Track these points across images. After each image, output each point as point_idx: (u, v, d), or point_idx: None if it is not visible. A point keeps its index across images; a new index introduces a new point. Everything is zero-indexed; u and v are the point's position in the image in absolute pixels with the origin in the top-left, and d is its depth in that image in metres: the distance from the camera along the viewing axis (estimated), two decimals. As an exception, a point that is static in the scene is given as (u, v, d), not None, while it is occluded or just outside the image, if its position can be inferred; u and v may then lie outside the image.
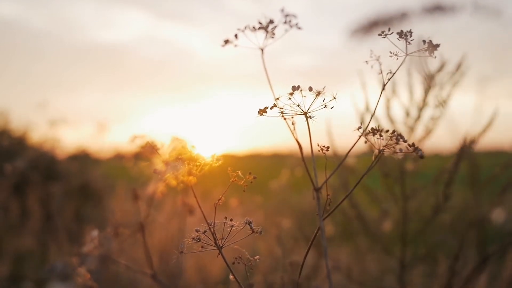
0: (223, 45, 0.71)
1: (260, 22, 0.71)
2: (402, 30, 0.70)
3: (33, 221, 3.25)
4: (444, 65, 1.50)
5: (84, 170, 4.37)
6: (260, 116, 0.75)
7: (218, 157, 0.72)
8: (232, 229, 0.80)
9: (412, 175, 1.75)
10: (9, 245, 2.96)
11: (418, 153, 0.70)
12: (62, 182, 3.91)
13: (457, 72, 1.51)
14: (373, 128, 0.71)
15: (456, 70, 1.50)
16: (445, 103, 1.56)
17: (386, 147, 0.69)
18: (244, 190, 0.75)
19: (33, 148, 4.29)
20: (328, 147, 0.75)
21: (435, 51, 0.70)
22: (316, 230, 0.75)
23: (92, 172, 4.40)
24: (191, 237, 0.77)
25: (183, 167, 0.62)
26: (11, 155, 3.79)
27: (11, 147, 4.15)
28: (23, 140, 4.45)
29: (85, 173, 4.31)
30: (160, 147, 0.62)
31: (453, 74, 1.52)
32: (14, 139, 4.39)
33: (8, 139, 4.31)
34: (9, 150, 4.03)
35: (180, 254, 0.76)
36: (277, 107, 0.75)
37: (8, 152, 3.96)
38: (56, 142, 4.31)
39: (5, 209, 3.24)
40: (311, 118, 0.76)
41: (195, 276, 2.54)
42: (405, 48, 0.70)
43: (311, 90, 0.75)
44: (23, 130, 4.49)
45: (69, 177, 4.16)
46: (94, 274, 0.57)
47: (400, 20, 0.56)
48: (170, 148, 0.63)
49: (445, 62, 1.51)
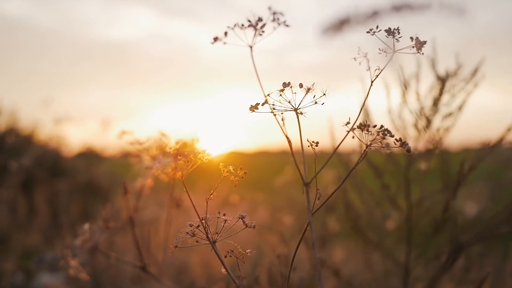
0: (212, 43, 0.72)
1: (249, 20, 0.73)
2: (390, 28, 0.71)
3: (40, 218, 3.29)
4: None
5: (90, 167, 4.40)
6: (251, 112, 0.77)
7: (209, 153, 0.73)
8: (227, 224, 0.81)
9: (422, 176, 1.72)
10: (16, 241, 2.99)
11: (406, 147, 0.71)
12: (68, 179, 3.94)
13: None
14: (361, 124, 0.72)
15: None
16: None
17: (373, 142, 0.70)
18: (236, 185, 0.76)
19: (39, 146, 4.32)
20: (317, 142, 0.76)
21: (422, 47, 0.71)
22: (306, 224, 0.76)
23: (98, 169, 4.43)
24: (185, 232, 0.79)
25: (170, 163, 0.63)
26: (18, 153, 3.83)
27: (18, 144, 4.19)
28: (30, 138, 4.48)
29: (91, 170, 4.34)
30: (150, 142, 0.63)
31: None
32: (21, 137, 4.43)
33: (15, 137, 4.35)
34: (16, 148, 4.07)
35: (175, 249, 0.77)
36: (268, 103, 0.76)
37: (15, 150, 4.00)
38: (62, 140, 4.35)
39: (12, 206, 3.27)
40: (302, 114, 0.77)
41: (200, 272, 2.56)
42: (393, 45, 0.71)
43: (302, 86, 0.76)
44: (30, 128, 4.53)
45: (76, 174, 4.19)
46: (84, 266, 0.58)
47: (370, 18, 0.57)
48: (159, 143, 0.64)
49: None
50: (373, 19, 0.57)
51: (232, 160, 0.88)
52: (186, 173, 0.68)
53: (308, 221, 0.76)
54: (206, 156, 0.72)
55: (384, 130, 0.69)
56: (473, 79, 1.53)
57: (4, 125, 4.41)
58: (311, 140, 0.76)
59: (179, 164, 0.65)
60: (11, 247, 2.92)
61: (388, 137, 0.69)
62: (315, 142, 0.76)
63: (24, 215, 3.30)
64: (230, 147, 1.55)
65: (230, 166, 0.77)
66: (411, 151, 0.71)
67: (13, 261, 2.63)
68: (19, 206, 3.29)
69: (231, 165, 0.77)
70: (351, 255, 2.71)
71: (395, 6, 0.52)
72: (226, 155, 0.99)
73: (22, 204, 3.30)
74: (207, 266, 2.57)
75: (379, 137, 0.70)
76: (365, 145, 0.71)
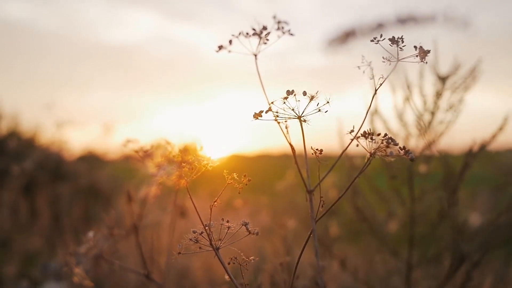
0: (217, 51, 0.73)
1: (254, 29, 0.73)
2: (394, 36, 0.72)
3: (41, 221, 3.29)
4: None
5: (92, 171, 4.40)
6: (255, 120, 0.77)
7: (214, 160, 0.74)
8: (230, 231, 0.81)
9: (422, 176, 1.75)
10: (18, 245, 2.99)
11: (409, 156, 0.71)
12: (70, 183, 3.94)
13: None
14: (365, 132, 0.72)
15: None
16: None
17: (377, 150, 0.71)
18: (239, 193, 0.76)
19: (41, 149, 4.33)
20: (322, 150, 0.76)
21: (426, 56, 0.72)
22: (310, 232, 0.77)
23: (100, 173, 4.43)
24: (188, 238, 0.79)
25: (174, 170, 0.63)
26: (20, 156, 3.84)
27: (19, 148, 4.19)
28: (32, 141, 4.49)
29: (93, 174, 4.35)
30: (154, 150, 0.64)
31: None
32: (23, 140, 4.44)
33: (17, 140, 4.36)
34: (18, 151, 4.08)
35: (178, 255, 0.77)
36: (272, 111, 0.76)
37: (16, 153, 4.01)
38: (64, 143, 4.35)
39: (14, 210, 3.28)
40: (306, 122, 0.78)
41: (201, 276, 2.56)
42: (397, 53, 0.72)
43: (305, 94, 0.77)
44: (32, 131, 4.54)
45: (77, 178, 4.20)
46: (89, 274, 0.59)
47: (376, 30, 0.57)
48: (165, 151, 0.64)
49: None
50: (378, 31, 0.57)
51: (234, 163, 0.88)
52: (190, 180, 0.68)
53: (311, 229, 0.76)
54: (211, 163, 0.72)
55: (388, 139, 0.70)
56: (467, 80, 1.54)
57: (6, 129, 4.42)
58: (315, 148, 0.76)
59: (183, 171, 0.66)
60: (13, 250, 2.93)
61: (392, 145, 0.70)
62: (319, 150, 0.76)
63: (26, 219, 3.30)
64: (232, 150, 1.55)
65: (232, 171, 0.77)
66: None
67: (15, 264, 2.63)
68: (21, 210, 3.29)
69: (233, 168, 0.78)
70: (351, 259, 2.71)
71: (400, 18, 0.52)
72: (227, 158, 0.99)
73: (24, 207, 3.30)
74: (209, 271, 2.57)
75: (383, 145, 0.71)
76: (369, 154, 0.72)
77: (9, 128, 4.38)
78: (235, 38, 0.74)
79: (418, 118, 1.64)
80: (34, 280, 2.01)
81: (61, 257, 2.63)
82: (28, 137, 4.51)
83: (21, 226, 3.25)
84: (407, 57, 0.72)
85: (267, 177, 4.78)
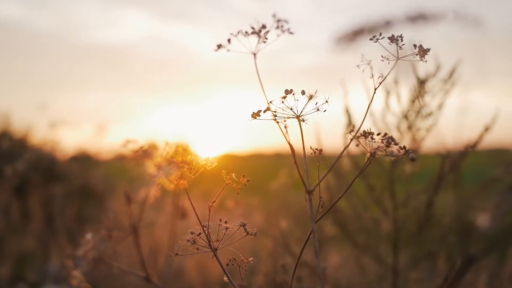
0: (216, 50, 0.72)
1: (253, 27, 0.72)
2: (393, 35, 0.71)
3: (34, 222, 3.27)
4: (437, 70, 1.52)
5: (85, 171, 4.38)
6: (253, 119, 0.76)
7: (212, 160, 0.73)
8: (228, 231, 0.80)
9: (407, 178, 1.74)
10: (10, 246, 2.97)
11: (409, 155, 0.70)
12: (63, 183, 3.92)
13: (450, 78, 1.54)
14: (365, 131, 0.72)
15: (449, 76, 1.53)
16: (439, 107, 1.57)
17: (377, 149, 0.70)
18: (238, 193, 0.76)
19: (34, 150, 4.30)
20: (321, 149, 0.75)
21: (425, 55, 0.71)
22: (309, 232, 0.76)
23: (93, 173, 4.41)
24: (186, 239, 0.78)
25: (175, 171, 0.63)
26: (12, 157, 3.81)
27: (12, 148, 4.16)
28: (24, 142, 4.46)
29: (86, 174, 4.32)
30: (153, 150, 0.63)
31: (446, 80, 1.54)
32: (15, 140, 4.41)
33: (9, 140, 4.33)
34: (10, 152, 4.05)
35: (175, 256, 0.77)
36: (270, 110, 0.75)
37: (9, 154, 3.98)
38: (57, 144, 4.33)
39: (6, 211, 3.25)
40: (304, 121, 0.77)
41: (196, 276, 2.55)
42: (396, 52, 0.71)
43: (304, 93, 0.76)
44: (25, 131, 4.50)
45: (70, 178, 4.17)
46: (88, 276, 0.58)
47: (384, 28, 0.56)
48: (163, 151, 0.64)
49: (440, 67, 1.52)
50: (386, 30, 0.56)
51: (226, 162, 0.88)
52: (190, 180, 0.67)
53: (311, 229, 0.76)
54: (210, 164, 0.72)
55: (389, 138, 0.69)
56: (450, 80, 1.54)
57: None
58: (314, 148, 0.76)
59: (182, 172, 0.65)
60: (5, 251, 2.90)
61: (393, 145, 0.69)
62: (319, 150, 0.76)
63: (18, 220, 3.28)
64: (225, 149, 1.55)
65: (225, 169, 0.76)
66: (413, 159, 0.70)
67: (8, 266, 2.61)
68: (14, 211, 3.26)
69: (225, 168, 0.77)
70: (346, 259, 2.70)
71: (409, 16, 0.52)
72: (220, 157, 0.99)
73: (16, 208, 3.27)
74: (203, 270, 2.56)
75: (382, 144, 0.70)
76: (369, 153, 0.71)
77: (1, 128, 4.35)
78: (233, 37, 0.73)
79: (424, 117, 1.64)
80: (30, 282, 1.99)
81: (55, 258, 2.61)
82: (20, 137, 4.48)
83: (13, 227, 3.22)
84: (406, 56, 0.71)
85: (259, 176, 4.77)
